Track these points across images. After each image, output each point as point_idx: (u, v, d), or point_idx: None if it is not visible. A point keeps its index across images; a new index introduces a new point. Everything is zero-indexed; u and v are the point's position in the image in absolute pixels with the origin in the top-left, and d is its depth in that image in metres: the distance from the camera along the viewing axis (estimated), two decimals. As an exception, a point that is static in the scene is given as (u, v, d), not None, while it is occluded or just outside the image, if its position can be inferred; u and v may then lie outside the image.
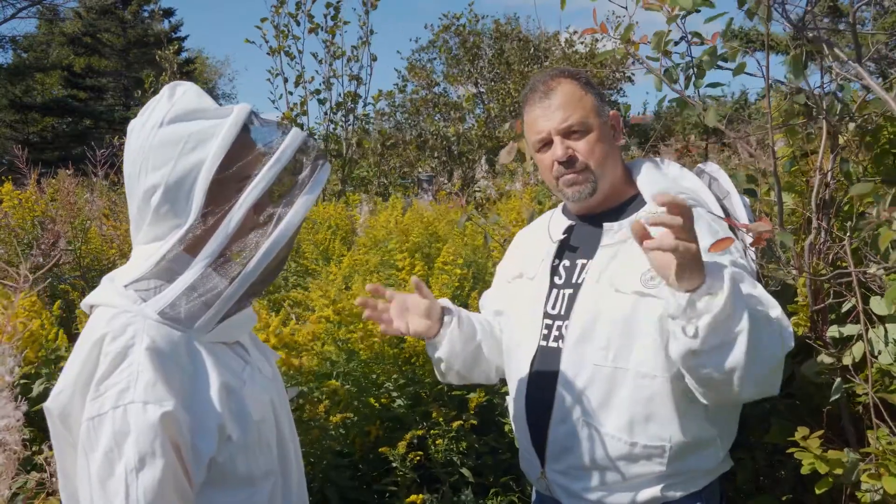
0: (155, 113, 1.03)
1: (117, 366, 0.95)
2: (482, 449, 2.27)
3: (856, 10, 1.56)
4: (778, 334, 1.33)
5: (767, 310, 1.34)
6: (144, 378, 0.94)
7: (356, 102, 6.44)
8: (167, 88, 1.07)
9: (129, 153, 1.05)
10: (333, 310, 2.18)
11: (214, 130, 1.03)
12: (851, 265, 1.51)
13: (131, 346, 0.96)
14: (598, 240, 1.54)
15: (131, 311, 0.99)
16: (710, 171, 1.63)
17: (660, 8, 1.63)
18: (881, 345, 1.57)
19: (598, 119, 1.53)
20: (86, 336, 1.00)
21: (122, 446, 0.93)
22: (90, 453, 0.94)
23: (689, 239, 1.17)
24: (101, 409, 0.94)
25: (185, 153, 1.02)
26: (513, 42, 14.13)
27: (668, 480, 1.44)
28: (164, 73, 7.10)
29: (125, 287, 1.02)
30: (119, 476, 0.92)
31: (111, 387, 0.94)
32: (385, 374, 2.28)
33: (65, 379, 0.98)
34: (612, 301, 1.45)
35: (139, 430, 0.93)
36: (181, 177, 1.02)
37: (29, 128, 25.91)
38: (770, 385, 1.34)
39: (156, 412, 0.93)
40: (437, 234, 3.75)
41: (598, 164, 1.53)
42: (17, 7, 26.45)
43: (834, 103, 1.66)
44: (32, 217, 3.84)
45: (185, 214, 1.02)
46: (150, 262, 1.02)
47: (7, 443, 1.34)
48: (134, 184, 1.04)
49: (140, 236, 1.07)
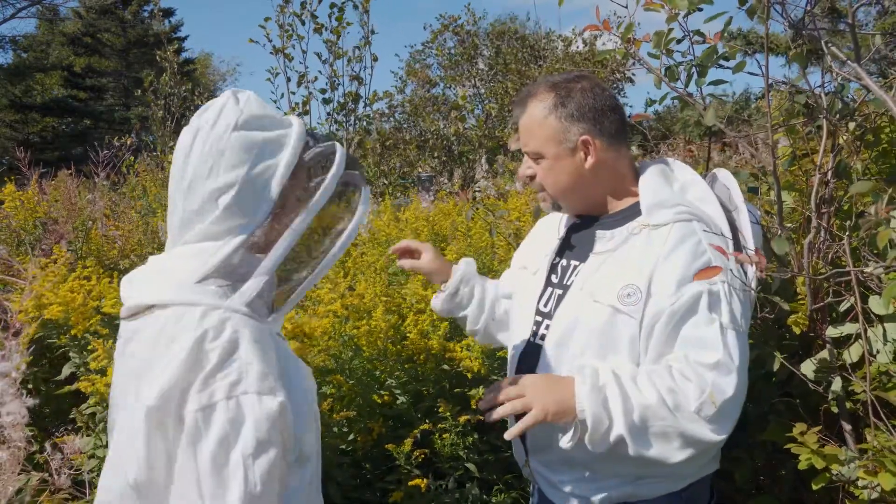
0: (225, 116, 1.08)
1: (225, 360, 0.99)
2: (484, 446, 2.28)
3: (854, 10, 1.57)
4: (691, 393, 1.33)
5: (688, 367, 1.35)
6: (255, 370, 1.00)
7: (357, 103, 6.45)
8: (230, 94, 1.13)
9: (197, 153, 1.08)
10: (342, 304, 2.19)
11: (284, 140, 1.11)
12: (850, 264, 1.52)
13: (235, 340, 1.01)
14: (593, 244, 1.55)
15: (220, 308, 1.03)
16: (723, 180, 1.60)
17: (661, 8, 1.64)
18: (879, 344, 1.58)
19: (557, 146, 1.51)
20: (175, 335, 1.01)
21: (238, 434, 0.97)
22: (198, 443, 0.96)
23: (526, 408, 1.36)
24: (211, 399, 0.97)
25: (260, 158, 1.09)
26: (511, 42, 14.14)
27: (642, 480, 1.45)
28: (164, 73, 7.10)
29: (197, 284, 1.05)
30: (236, 462, 0.96)
31: (221, 379, 0.98)
32: (387, 371, 2.29)
33: (168, 379, 0.98)
34: (590, 310, 1.46)
35: (256, 418, 0.97)
36: (254, 180, 1.08)
37: (29, 128, 25.89)
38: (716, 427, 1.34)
39: (272, 402, 0.99)
40: (441, 233, 3.75)
41: (553, 189, 1.56)
42: (17, 7, 26.47)
43: (834, 102, 1.67)
44: (34, 218, 3.84)
45: (251, 215, 1.08)
46: (216, 260, 1.06)
47: (12, 439, 1.35)
48: (199, 182, 1.07)
49: (190, 234, 1.10)
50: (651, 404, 1.32)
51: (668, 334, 1.38)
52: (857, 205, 1.77)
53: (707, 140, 2.02)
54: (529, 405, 1.35)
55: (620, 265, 1.47)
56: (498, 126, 9.68)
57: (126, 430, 1.04)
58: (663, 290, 1.39)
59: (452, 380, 2.40)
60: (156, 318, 1.05)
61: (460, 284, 1.82)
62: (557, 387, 1.37)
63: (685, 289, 1.37)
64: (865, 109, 1.71)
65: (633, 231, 1.49)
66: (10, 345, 1.34)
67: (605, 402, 1.34)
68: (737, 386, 1.33)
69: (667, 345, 1.39)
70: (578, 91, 1.52)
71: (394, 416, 2.31)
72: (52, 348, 2.52)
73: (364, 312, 2.20)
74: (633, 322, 1.40)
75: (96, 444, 2.09)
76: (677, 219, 1.45)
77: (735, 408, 1.35)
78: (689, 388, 1.33)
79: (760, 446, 1.91)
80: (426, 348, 2.29)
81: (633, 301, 1.40)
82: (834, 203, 1.77)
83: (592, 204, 1.58)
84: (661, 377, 1.35)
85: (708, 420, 1.32)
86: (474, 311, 1.83)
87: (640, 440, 1.34)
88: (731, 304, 1.39)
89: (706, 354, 1.34)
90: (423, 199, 5.40)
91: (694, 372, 1.34)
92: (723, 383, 1.33)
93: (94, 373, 2.10)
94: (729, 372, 1.33)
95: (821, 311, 1.73)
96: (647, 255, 1.43)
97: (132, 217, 4.38)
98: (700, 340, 1.36)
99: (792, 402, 1.83)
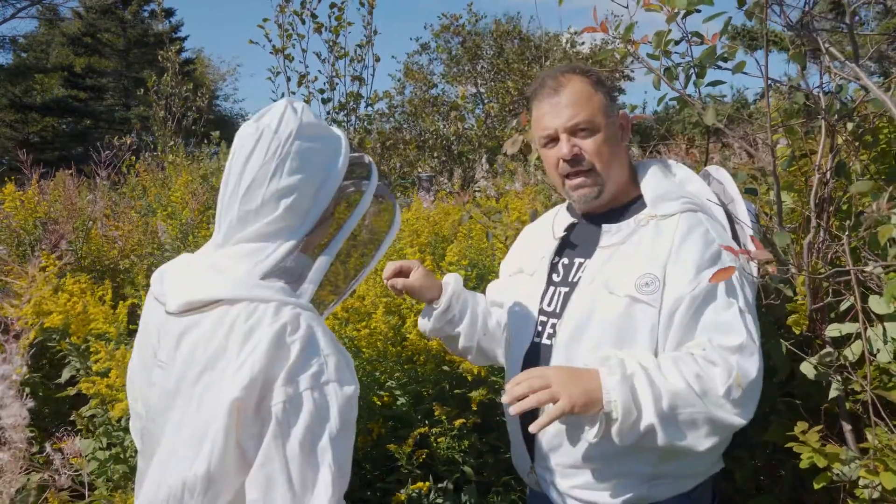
0: (287, 124, 1.16)
1: (306, 352, 1.06)
2: (483, 448, 2.28)
3: (853, 9, 1.57)
4: (718, 377, 1.33)
5: (713, 352, 1.35)
6: (332, 361, 1.08)
7: (358, 103, 6.45)
8: (286, 103, 1.20)
9: (260, 155, 1.15)
10: (342, 307, 2.19)
11: (337, 149, 1.21)
12: (850, 263, 1.52)
13: (312, 334, 1.08)
14: (597, 239, 1.55)
15: (291, 303, 1.10)
16: (717, 176, 1.63)
17: (660, 8, 1.64)
18: (879, 343, 1.58)
19: (607, 119, 1.52)
20: (250, 329, 1.06)
21: (324, 420, 1.05)
22: (287, 432, 1.03)
23: (553, 398, 1.31)
24: (297, 390, 1.04)
25: (320, 165, 1.18)
26: (513, 41, 14.13)
27: (654, 481, 1.44)
28: (165, 73, 7.10)
29: (263, 281, 1.12)
30: (324, 446, 1.04)
31: (303, 371, 1.05)
32: (387, 372, 2.29)
33: (252, 371, 1.04)
34: (605, 302, 1.46)
35: (339, 404, 1.06)
36: (312, 184, 1.17)
37: (29, 128, 25.87)
38: (741, 411, 1.34)
39: (350, 390, 1.08)
40: (442, 233, 3.75)
41: (604, 165, 1.53)
42: (17, 7, 26.46)
43: (833, 102, 1.67)
44: (35, 218, 3.84)
45: (305, 217, 1.17)
46: (273, 260, 1.14)
47: (13, 441, 1.35)
48: (262, 184, 1.14)
49: (245, 233, 1.16)
50: (680, 391, 1.32)
51: (690, 320, 1.39)
52: (857, 205, 1.77)
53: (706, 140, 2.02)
54: (556, 396, 1.31)
55: (632, 256, 1.47)
56: (498, 126, 9.68)
57: (193, 423, 1.07)
58: (682, 277, 1.40)
59: (452, 381, 2.40)
60: (223, 313, 1.09)
61: (452, 299, 1.72)
62: (583, 379, 1.34)
63: (703, 275, 1.39)
64: (864, 110, 1.71)
65: (640, 223, 1.51)
66: (11, 348, 1.34)
67: (633, 392, 1.32)
68: (759, 367, 1.36)
69: (688, 330, 1.40)
70: (602, 77, 1.56)
71: (394, 417, 2.31)
72: (53, 350, 2.52)
73: (364, 314, 2.20)
74: (653, 311, 1.41)
75: (96, 447, 2.09)
76: (684, 209, 1.48)
77: (758, 389, 1.37)
78: (716, 373, 1.33)
79: (761, 446, 1.91)
80: (426, 349, 2.29)
81: (652, 290, 1.41)
82: (833, 203, 1.77)
83: (618, 189, 1.58)
84: (686, 363, 1.34)
85: (734, 403, 1.33)
86: (467, 328, 1.73)
87: (669, 428, 1.32)
88: (744, 289, 1.42)
89: (729, 338, 1.36)
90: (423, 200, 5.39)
91: (720, 356, 1.34)
92: (747, 365, 1.34)
93: (95, 374, 2.10)
94: (752, 354, 1.35)
95: (820, 311, 1.73)
96: (658, 245, 1.45)
97: (132, 217, 4.38)
98: (722, 325, 1.37)
99: (793, 403, 1.82)
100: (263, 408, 1.04)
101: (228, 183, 1.18)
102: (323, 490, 1.02)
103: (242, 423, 1.04)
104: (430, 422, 2.20)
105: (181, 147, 6.84)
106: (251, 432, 1.04)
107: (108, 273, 3.59)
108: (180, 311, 1.13)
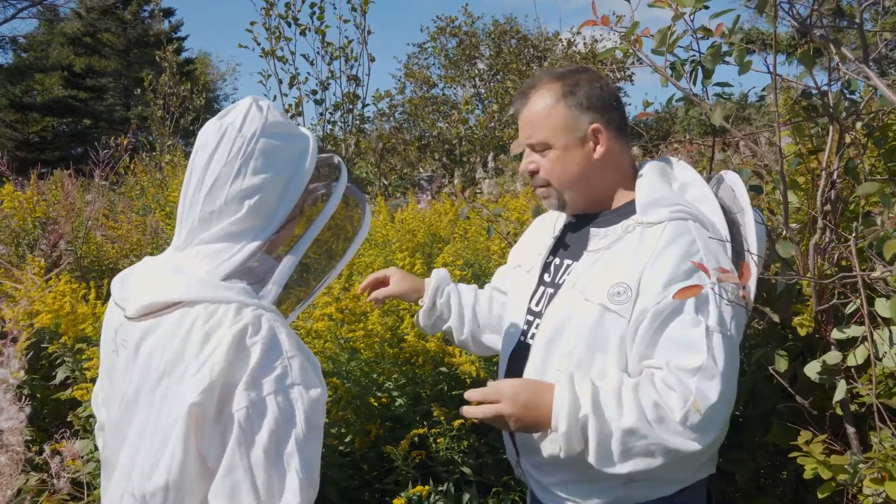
0: (252, 122, 1.12)
1: (267, 354, 1.02)
2: (482, 448, 2.26)
3: (863, 9, 1.55)
4: (675, 402, 1.28)
5: (670, 375, 1.30)
6: (297, 363, 1.04)
7: (354, 103, 6.44)
8: (251, 100, 1.16)
9: (223, 154, 1.11)
10: (336, 308, 2.18)
11: (304, 148, 1.17)
12: (857, 267, 1.50)
13: (274, 335, 1.04)
14: (586, 243, 1.53)
15: (252, 304, 1.05)
16: (730, 182, 1.57)
17: (667, 5, 1.61)
18: (885, 347, 1.56)
19: (567, 135, 1.49)
20: (209, 331, 1.03)
21: (289, 425, 1.00)
22: (251, 439, 0.99)
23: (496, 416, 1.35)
24: (260, 395, 1.00)
25: (285, 164, 1.14)
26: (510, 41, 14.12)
27: (632, 484, 1.41)
28: (164, 73, 7.09)
29: (224, 282, 1.08)
30: (290, 451, 0.99)
31: (266, 374, 1.01)
32: (385, 373, 2.27)
33: (210, 375, 1.00)
34: (580, 309, 1.43)
35: (305, 408, 1.02)
36: (278, 185, 1.13)
37: (29, 128, 25.86)
38: (699, 436, 1.28)
39: (316, 393, 1.04)
40: (438, 234, 3.73)
41: (560, 181, 1.52)
42: (17, 7, 26.45)
43: (841, 101, 1.65)
44: (33, 218, 3.83)
45: (270, 218, 1.13)
46: (237, 261, 1.10)
47: (10, 444, 1.33)
48: (224, 183, 1.11)
49: (207, 234, 1.12)
50: (631, 426, 1.28)
51: (652, 335, 1.34)
52: (864, 205, 1.75)
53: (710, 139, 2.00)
54: (500, 413, 1.34)
55: (612, 263, 1.44)
56: (499, 126, 9.68)
57: (153, 431, 1.04)
58: (650, 290, 1.35)
59: (451, 382, 2.38)
60: (181, 315, 1.05)
61: (436, 297, 1.77)
62: (537, 399, 1.35)
63: (671, 289, 1.32)
64: (872, 108, 1.69)
65: (627, 229, 1.47)
66: (8, 351, 1.32)
67: (583, 428, 1.31)
68: (721, 391, 1.28)
69: (650, 346, 1.35)
70: (585, 81, 1.51)
71: (392, 418, 2.29)
72: (49, 351, 2.51)
73: (360, 315, 2.18)
74: (623, 321, 1.37)
75: (94, 448, 2.08)
76: (673, 217, 1.42)
77: (720, 413, 1.30)
78: (672, 399, 1.28)
79: (762, 447, 1.89)
80: (424, 350, 2.27)
81: (623, 300, 1.37)
82: (840, 203, 1.76)
83: (595, 199, 1.55)
84: (645, 390, 1.31)
85: (693, 429, 1.27)
86: (456, 322, 1.78)
87: (610, 462, 1.31)
88: (720, 307, 1.34)
89: (689, 359, 1.29)
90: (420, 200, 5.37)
91: (676, 379, 1.29)
92: (706, 388, 1.27)
93: (89, 381, 2.08)
94: (712, 377, 1.28)
95: (826, 313, 1.71)
96: (640, 253, 1.40)
97: (130, 217, 4.37)
98: (684, 343, 1.31)
99: (795, 405, 1.81)
100: (225, 414, 1.00)
101: (190, 182, 1.14)
102: (291, 498, 0.97)
103: (202, 429, 1.00)
104: (428, 423, 2.18)
105: (179, 147, 6.83)
106: (212, 439, 1.00)
107: (108, 273, 3.57)
108: (139, 315, 1.08)
